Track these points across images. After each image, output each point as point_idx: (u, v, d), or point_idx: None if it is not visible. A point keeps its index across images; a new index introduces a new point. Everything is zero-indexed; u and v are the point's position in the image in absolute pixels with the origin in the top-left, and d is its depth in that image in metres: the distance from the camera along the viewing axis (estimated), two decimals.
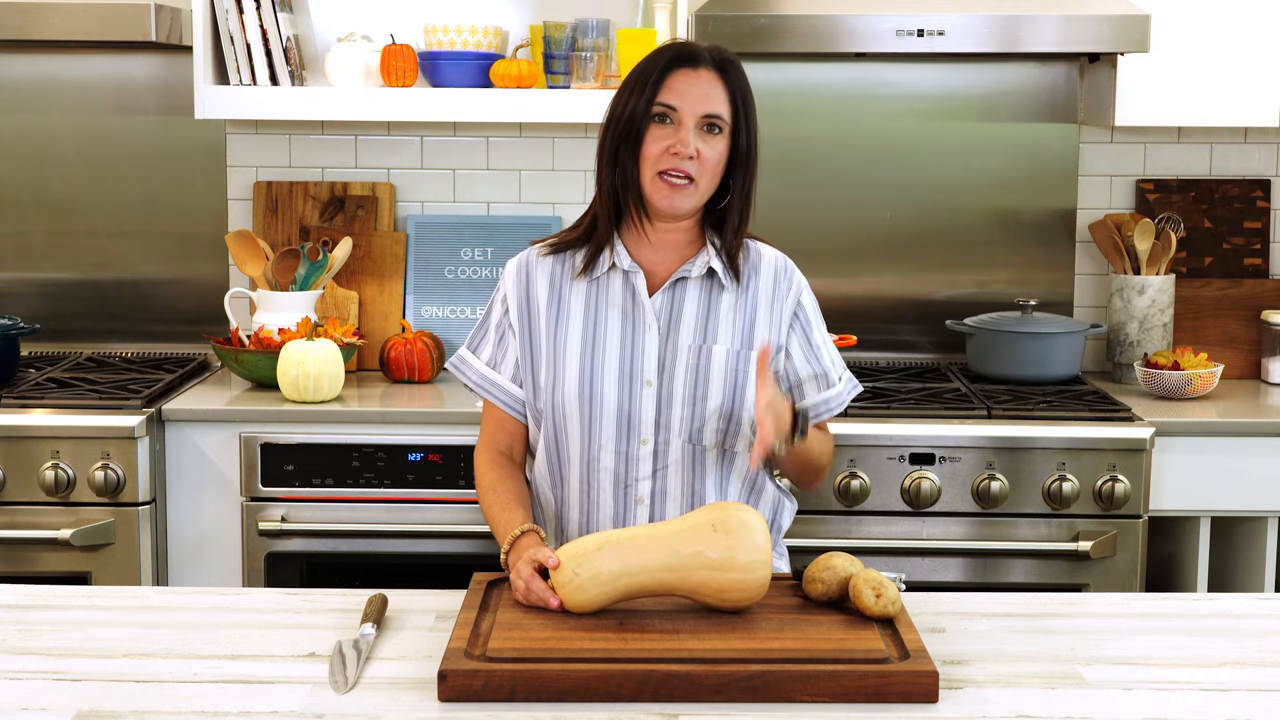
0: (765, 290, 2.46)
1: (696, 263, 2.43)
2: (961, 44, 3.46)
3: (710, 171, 2.37)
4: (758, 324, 2.44)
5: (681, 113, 2.35)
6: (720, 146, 2.37)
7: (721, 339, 2.42)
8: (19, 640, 2.05)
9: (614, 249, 2.42)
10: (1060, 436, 3.31)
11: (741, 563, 2.03)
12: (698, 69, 2.37)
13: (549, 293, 2.45)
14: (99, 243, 3.94)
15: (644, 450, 2.41)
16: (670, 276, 2.43)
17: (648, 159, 2.36)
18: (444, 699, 1.84)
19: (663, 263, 2.45)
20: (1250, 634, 2.11)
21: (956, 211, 3.93)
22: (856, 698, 1.84)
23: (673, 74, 2.37)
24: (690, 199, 2.37)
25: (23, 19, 3.48)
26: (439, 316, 3.88)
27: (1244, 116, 3.62)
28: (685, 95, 2.36)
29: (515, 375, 2.47)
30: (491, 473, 2.45)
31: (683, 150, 2.34)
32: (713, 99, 2.37)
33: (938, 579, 3.31)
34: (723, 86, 2.38)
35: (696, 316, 2.43)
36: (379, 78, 3.67)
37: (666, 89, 2.36)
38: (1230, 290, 3.89)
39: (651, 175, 2.36)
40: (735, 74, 2.40)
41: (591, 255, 2.43)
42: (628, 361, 2.41)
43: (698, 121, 2.35)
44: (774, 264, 2.49)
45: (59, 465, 3.28)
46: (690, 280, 2.44)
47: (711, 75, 2.38)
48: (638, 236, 2.44)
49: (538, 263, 2.48)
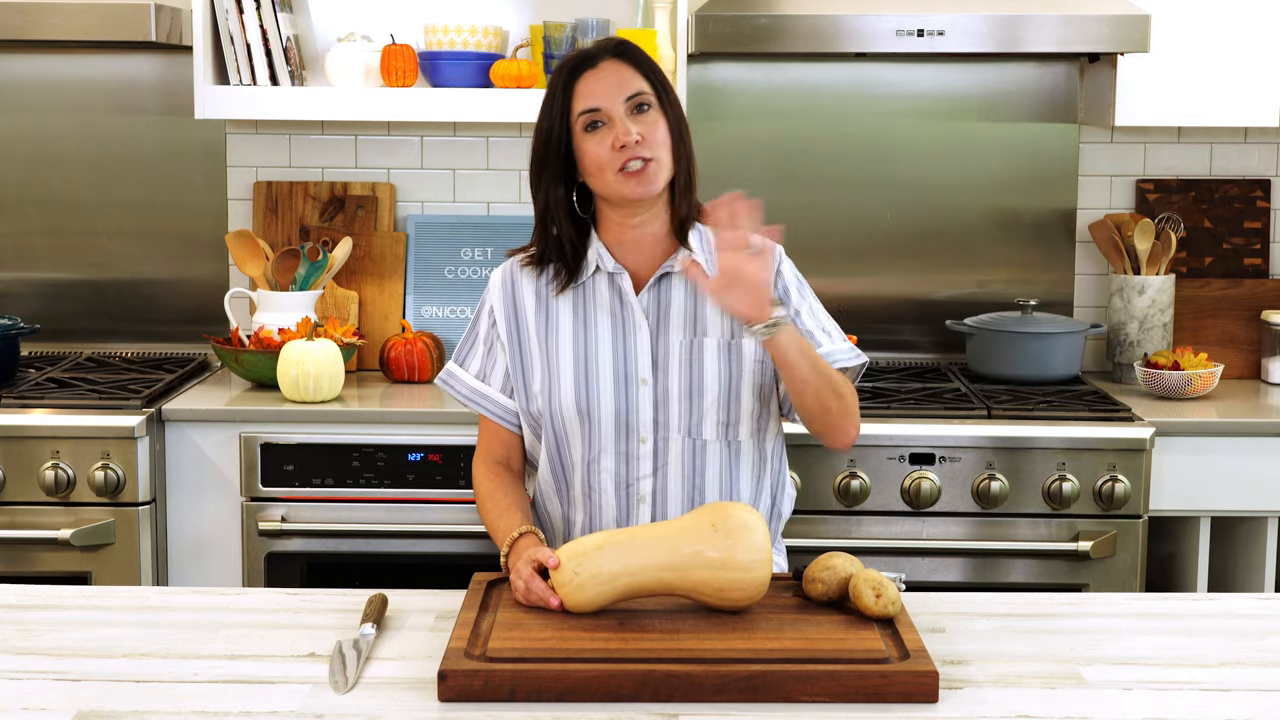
0: None
1: (679, 256, 2.43)
2: (961, 44, 3.46)
3: (662, 144, 2.36)
4: None
5: (606, 109, 2.35)
6: (658, 120, 2.37)
7: (711, 330, 2.42)
8: (19, 640, 2.05)
9: (597, 253, 2.42)
10: (1060, 436, 3.31)
11: (741, 562, 2.03)
12: (598, 65, 2.37)
13: (536, 302, 2.46)
14: (99, 243, 3.94)
15: (643, 449, 2.41)
16: (654, 273, 2.43)
17: (599, 165, 2.35)
18: (444, 699, 1.84)
19: (646, 260, 2.44)
20: (1250, 634, 2.11)
21: (956, 211, 3.93)
22: (856, 698, 1.84)
23: (578, 81, 2.37)
24: (657, 177, 2.36)
25: (23, 19, 3.48)
26: (439, 316, 3.88)
27: (1244, 116, 3.62)
28: (600, 92, 2.35)
29: (505, 386, 2.48)
30: (488, 482, 2.46)
31: (626, 138, 2.33)
32: (625, 82, 2.36)
33: (938, 579, 3.31)
34: (629, 67, 2.38)
35: (684, 310, 2.42)
36: (379, 78, 3.67)
37: (579, 96, 2.36)
38: (1230, 290, 3.89)
39: (611, 177, 2.35)
40: (635, 52, 2.40)
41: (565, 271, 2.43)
42: (621, 363, 2.41)
43: (625, 107, 2.35)
44: None
45: (59, 465, 3.28)
46: (675, 274, 2.44)
47: (613, 63, 2.38)
48: (618, 238, 2.44)
49: (521, 273, 2.48)
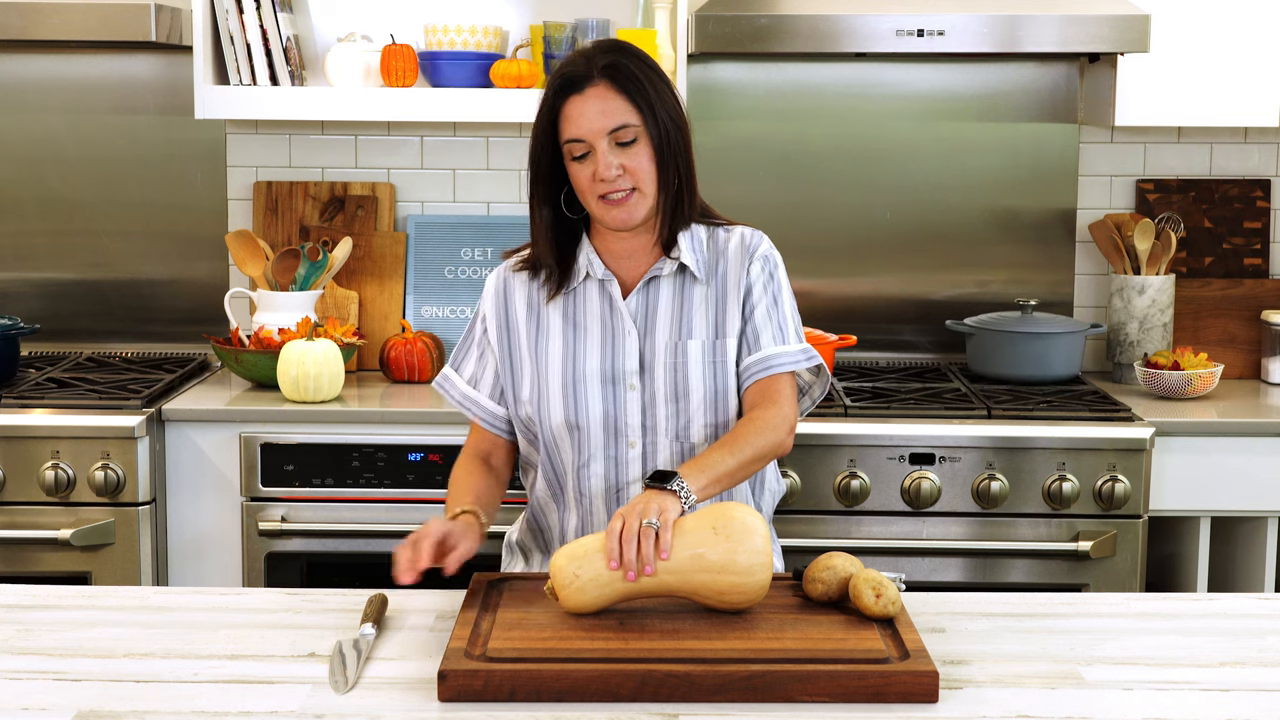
0: (733, 269, 2.44)
1: (668, 260, 2.42)
2: (961, 44, 3.46)
3: (645, 176, 2.35)
4: (729, 306, 2.43)
5: (588, 140, 2.33)
6: (642, 151, 2.34)
7: (696, 333, 2.41)
8: (19, 640, 2.05)
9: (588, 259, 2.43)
10: (1060, 436, 3.31)
11: (742, 565, 2.02)
12: (584, 91, 2.34)
13: (527, 309, 2.46)
14: (99, 243, 3.94)
15: (632, 453, 2.42)
16: (642, 277, 2.43)
17: (583, 191, 2.36)
18: (444, 699, 1.84)
19: (635, 265, 2.45)
20: (1250, 634, 2.11)
21: (956, 211, 3.93)
22: (857, 698, 1.84)
23: (564, 105, 2.35)
24: (639, 207, 2.36)
25: (23, 19, 3.48)
26: (439, 316, 3.88)
27: (1244, 116, 3.62)
28: (583, 124, 2.33)
29: (494, 391, 2.50)
30: (462, 469, 2.50)
31: (606, 174, 2.32)
32: (611, 113, 2.33)
33: (938, 579, 3.31)
34: (617, 93, 2.33)
35: (671, 313, 2.42)
36: (379, 78, 3.67)
37: (566, 122, 2.34)
38: (1230, 290, 3.89)
39: (594, 202, 2.36)
40: (625, 73, 2.34)
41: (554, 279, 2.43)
42: (609, 368, 2.41)
43: (608, 141, 2.33)
44: (740, 241, 2.45)
45: (59, 465, 3.28)
46: (663, 278, 2.44)
47: (601, 89, 2.34)
48: (608, 245, 2.44)
49: (514, 278, 2.48)
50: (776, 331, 2.42)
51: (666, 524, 2.04)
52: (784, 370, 2.42)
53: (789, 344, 2.43)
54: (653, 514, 2.05)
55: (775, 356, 2.41)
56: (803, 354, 2.44)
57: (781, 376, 2.42)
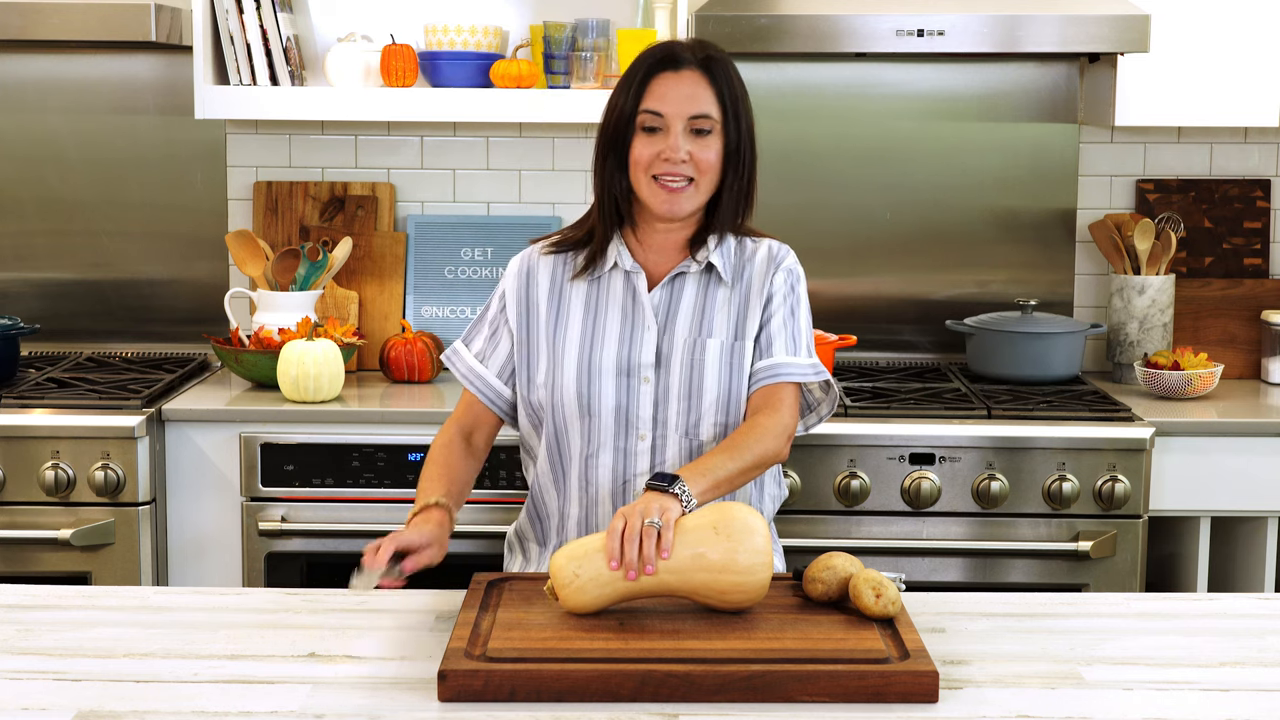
0: (758, 276, 2.46)
1: (696, 258, 2.43)
2: (961, 44, 3.46)
3: (707, 172, 2.37)
4: (750, 311, 2.44)
5: (668, 117, 2.34)
6: (714, 146, 2.37)
7: (716, 332, 2.42)
8: (19, 640, 2.05)
9: (617, 250, 2.43)
10: (1060, 436, 3.31)
11: (742, 565, 2.02)
12: (680, 70, 2.36)
13: (549, 292, 2.46)
14: (99, 243, 3.94)
15: (641, 446, 2.42)
16: (669, 271, 2.44)
17: (639, 164, 2.36)
18: (444, 699, 1.84)
19: (664, 261, 2.45)
20: (1250, 634, 2.11)
21: (956, 211, 3.93)
22: (857, 698, 1.84)
23: (656, 78, 2.36)
24: (690, 201, 2.38)
25: (23, 19, 3.48)
26: (439, 316, 3.88)
27: (1244, 116, 3.62)
28: (669, 99, 2.35)
29: (502, 371, 2.50)
30: (443, 448, 2.50)
31: (673, 155, 2.33)
32: (698, 99, 2.36)
33: (938, 579, 3.31)
34: (708, 85, 2.37)
35: (693, 310, 2.43)
36: (379, 78, 3.67)
37: (650, 95, 2.36)
38: (1230, 290, 3.89)
39: (646, 180, 2.36)
40: (720, 70, 2.38)
41: (592, 257, 2.44)
42: (625, 359, 2.41)
43: (686, 125, 2.34)
44: (768, 252, 2.48)
45: (59, 465, 3.28)
46: (689, 275, 2.44)
47: (695, 75, 2.37)
48: (639, 238, 2.45)
49: (539, 261, 2.49)
50: (789, 342, 2.45)
51: (668, 524, 2.05)
52: (790, 380, 2.44)
53: (800, 357, 2.46)
54: (654, 514, 2.05)
55: (784, 365, 2.43)
56: (811, 368, 2.47)
57: (786, 386, 2.43)
